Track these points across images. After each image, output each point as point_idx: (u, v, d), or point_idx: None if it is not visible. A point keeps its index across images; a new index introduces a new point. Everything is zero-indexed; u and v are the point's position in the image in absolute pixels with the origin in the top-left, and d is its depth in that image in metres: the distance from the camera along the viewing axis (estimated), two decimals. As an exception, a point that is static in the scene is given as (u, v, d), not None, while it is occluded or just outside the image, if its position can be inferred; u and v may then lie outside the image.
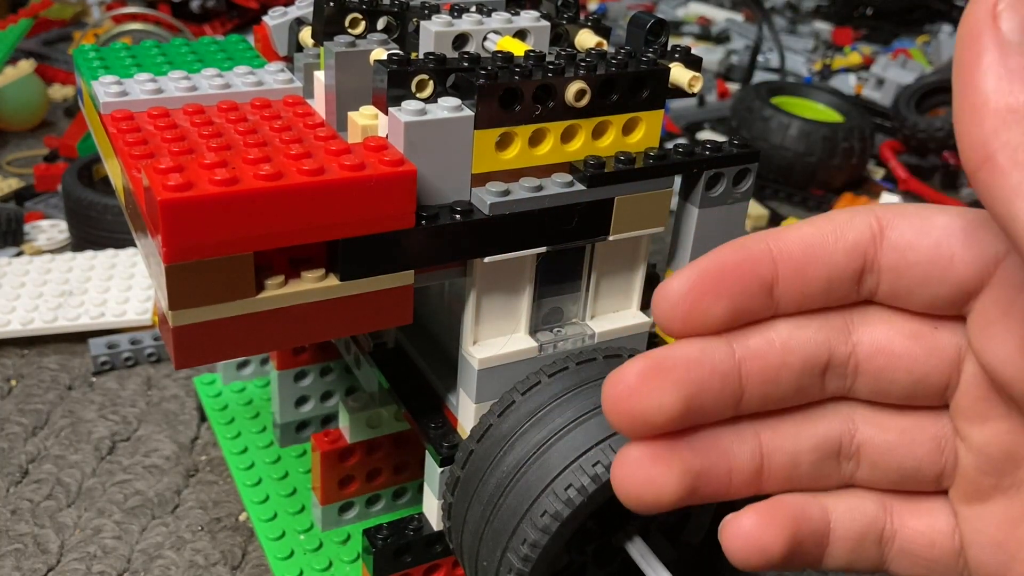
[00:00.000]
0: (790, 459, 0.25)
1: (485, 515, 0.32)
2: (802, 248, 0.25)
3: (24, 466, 0.55)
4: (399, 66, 0.32)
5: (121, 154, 0.32)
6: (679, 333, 0.24)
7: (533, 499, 0.31)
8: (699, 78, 0.35)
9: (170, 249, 0.27)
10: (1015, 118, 0.20)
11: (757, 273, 0.24)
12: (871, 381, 0.25)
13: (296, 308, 0.31)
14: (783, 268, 0.24)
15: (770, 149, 0.98)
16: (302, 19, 0.42)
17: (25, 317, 0.66)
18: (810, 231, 0.25)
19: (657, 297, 0.25)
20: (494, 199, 0.32)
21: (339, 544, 0.47)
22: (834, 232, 0.25)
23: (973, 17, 0.20)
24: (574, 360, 0.35)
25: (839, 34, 1.55)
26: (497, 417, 0.34)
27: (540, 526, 0.30)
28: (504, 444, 0.33)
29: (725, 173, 0.37)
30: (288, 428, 0.53)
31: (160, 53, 0.41)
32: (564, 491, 0.30)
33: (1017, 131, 0.20)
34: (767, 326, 0.25)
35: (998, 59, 0.20)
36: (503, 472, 0.32)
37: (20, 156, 0.98)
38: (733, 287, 0.24)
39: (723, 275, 0.24)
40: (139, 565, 0.48)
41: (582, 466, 0.30)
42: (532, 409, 0.33)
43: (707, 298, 0.24)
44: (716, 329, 0.24)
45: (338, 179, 0.29)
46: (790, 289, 0.25)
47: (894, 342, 0.25)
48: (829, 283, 0.25)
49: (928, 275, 0.24)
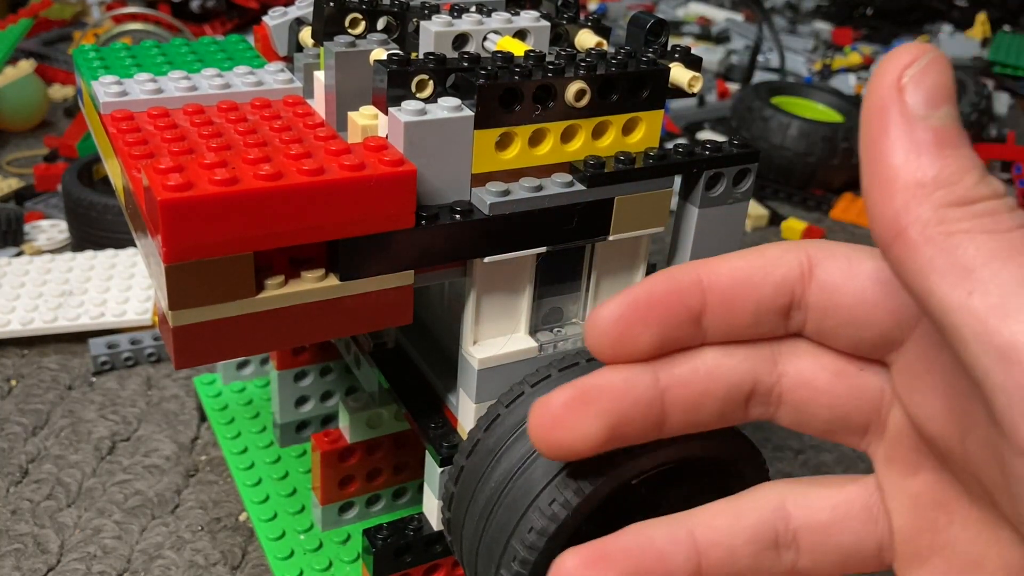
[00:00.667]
0: (727, 554, 0.25)
1: (491, 503, 0.32)
2: (731, 280, 0.25)
3: (24, 466, 0.55)
4: (399, 66, 0.32)
5: (121, 154, 0.32)
6: (609, 359, 0.25)
7: (520, 515, 0.31)
8: (699, 78, 0.35)
9: (170, 249, 0.27)
10: (924, 192, 0.20)
11: (685, 303, 0.25)
12: (793, 412, 0.26)
13: (296, 308, 0.31)
14: (711, 299, 0.25)
15: (770, 149, 0.98)
16: (302, 19, 0.42)
17: (25, 317, 0.66)
18: (741, 264, 0.25)
19: (589, 323, 0.25)
20: (494, 199, 0.32)
21: (339, 544, 0.47)
22: (764, 267, 0.25)
23: (878, 90, 0.20)
24: (556, 367, 0.34)
25: (839, 34, 1.55)
26: (484, 431, 0.34)
27: (527, 543, 0.30)
28: (491, 459, 0.33)
29: (725, 173, 0.37)
30: (288, 428, 0.53)
31: (160, 53, 0.41)
32: (549, 506, 0.30)
33: (927, 206, 0.20)
34: (694, 354, 0.25)
35: (905, 133, 0.20)
36: (491, 488, 0.32)
37: (20, 156, 0.98)
38: (661, 316, 0.25)
39: (652, 304, 0.25)
40: (139, 565, 0.48)
41: (565, 479, 0.30)
42: (516, 422, 0.33)
43: (636, 327, 0.25)
44: (644, 356, 0.25)
45: (338, 179, 0.29)
46: (717, 319, 0.25)
47: (818, 377, 0.26)
48: (757, 316, 0.25)
49: (853, 318, 0.24)
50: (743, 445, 0.33)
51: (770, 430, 0.61)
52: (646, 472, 0.33)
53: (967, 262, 0.19)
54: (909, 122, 0.20)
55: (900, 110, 0.20)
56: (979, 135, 1.09)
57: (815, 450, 0.60)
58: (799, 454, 0.59)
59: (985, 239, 0.19)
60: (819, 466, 0.59)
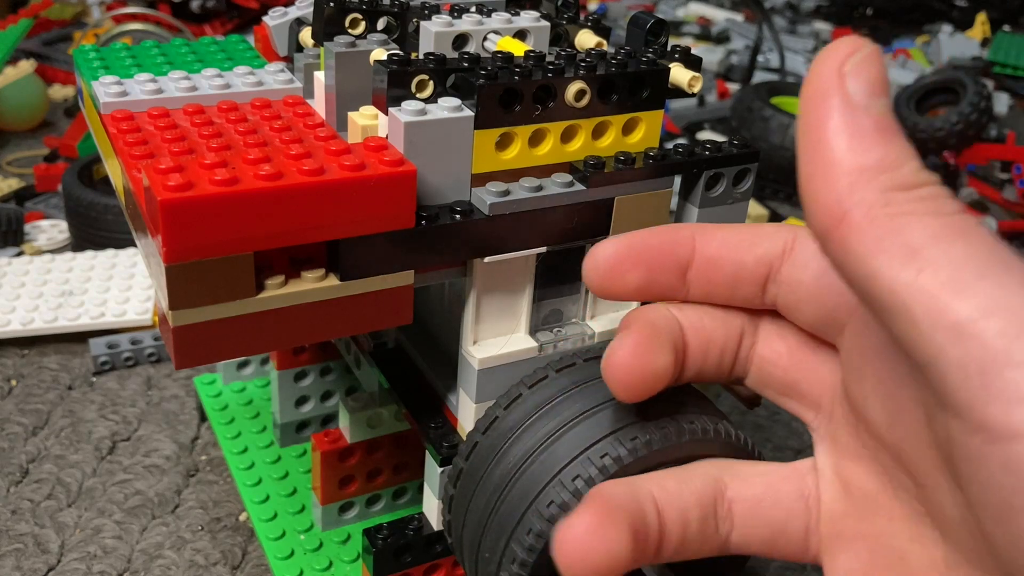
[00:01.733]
0: (680, 516, 0.27)
1: (490, 505, 0.32)
2: (720, 243, 0.28)
3: (24, 466, 0.55)
4: (399, 66, 0.32)
5: (121, 154, 0.32)
6: (598, 291, 0.28)
7: (540, 489, 0.31)
8: (699, 78, 0.35)
9: (170, 249, 0.27)
10: (868, 176, 0.20)
11: (675, 252, 0.28)
12: (756, 371, 0.29)
13: (296, 308, 0.31)
14: (699, 257, 0.28)
15: (770, 149, 0.98)
16: (302, 19, 0.42)
17: (25, 317, 0.66)
18: (732, 233, 0.28)
19: (587, 257, 0.28)
20: (494, 199, 0.32)
21: (339, 544, 0.47)
22: (752, 239, 0.27)
23: (819, 77, 0.21)
24: (581, 357, 0.35)
25: (839, 34, 1.55)
26: (503, 409, 0.34)
27: (547, 516, 0.30)
28: (511, 435, 0.33)
29: (725, 173, 0.37)
30: (288, 428, 0.54)
31: (160, 53, 0.41)
32: (572, 482, 0.30)
33: (871, 189, 0.20)
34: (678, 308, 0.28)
35: (847, 119, 0.20)
36: (509, 463, 0.32)
37: (20, 156, 0.98)
38: (651, 259, 0.28)
39: (645, 247, 0.28)
40: (139, 565, 0.48)
41: (590, 457, 0.30)
42: (540, 402, 0.33)
43: (626, 264, 0.27)
44: (631, 294, 0.28)
45: (338, 179, 0.29)
46: (700, 276, 0.28)
47: (779, 344, 0.28)
48: (736, 280, 0.27)
49: (810, 295, 0.26)
50: (744, 452, 0.33)
51: (770, 430, 0.61)
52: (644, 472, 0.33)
53: (914, 242, 0.19)
54: (851, 109, 0.20)
55: (842, 98, 0.20)
56: (979, 135, 1.09)
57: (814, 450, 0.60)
58: (799, 454, 0.59)
59: (930, 220, 0.20)
60: (819, 466, 0.59)
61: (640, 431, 0.31)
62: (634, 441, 0.30)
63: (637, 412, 0.31)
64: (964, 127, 1.06)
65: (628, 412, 0.31)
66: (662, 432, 0.31)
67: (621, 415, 0.31)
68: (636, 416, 0.31)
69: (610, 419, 0.31)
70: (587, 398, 0.33)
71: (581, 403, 0.32)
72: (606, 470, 0.30)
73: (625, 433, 0.31)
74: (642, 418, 0.31)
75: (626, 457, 0.30)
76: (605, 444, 0.31)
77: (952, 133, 1.06)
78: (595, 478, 0.30)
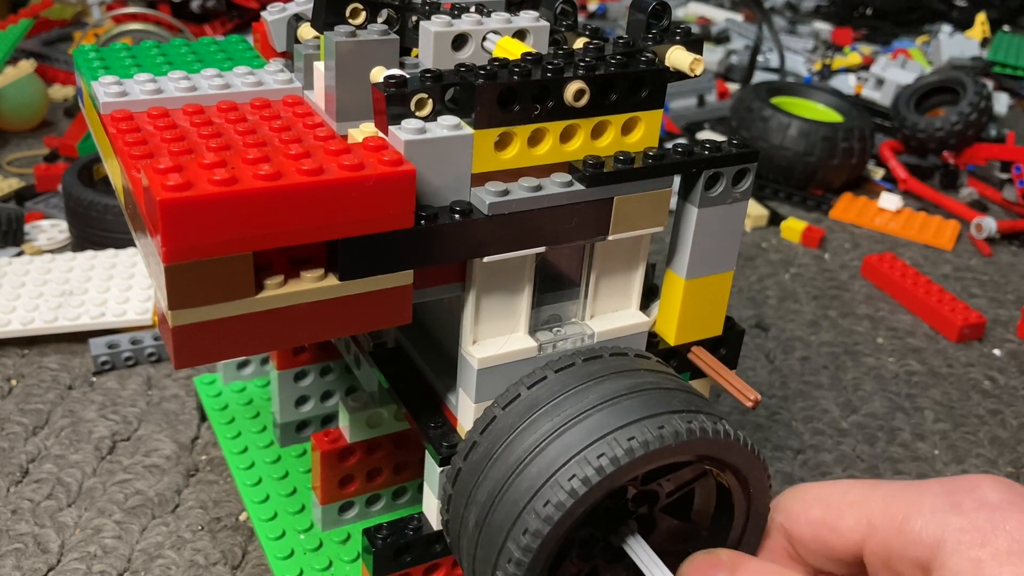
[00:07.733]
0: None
1: (488, 504, 0.32)
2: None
3: (24, 466, 0.55)
4: (397, 88, 0.32)
5: (121, 154, 0.32)
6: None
7: (537, 489, 0.31)
8: (700, 61, 0.35)
9: (170, 249, 0.27)
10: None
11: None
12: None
13: (296, 308, 0.31)
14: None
15: (770, 149, 0.98)
16: (300, 15, 0.42)
17: (25, 317, 0.66)
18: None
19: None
20: (493, 199, 0.32)
21: (339, 544, 0.47)
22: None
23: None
24: (580, 357, 0.35)
25: (839, 34, 1.55)
26: (502, 409, 0.34)
27: (543, 515, 0.30)
28: (509, 435, 0.33)
29: (724, 173, 0.37)
30: (288, 428, 0.54)
31: (160, 53, 0.42)
32: (568, 481, 0.30)
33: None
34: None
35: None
36: (507, 462, 0.32)
37: (20, 156, 0.98)
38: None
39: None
40: (139, 565, 0.48)
41: (587, 457, 0.31)
42: (538, 402, 0.33)
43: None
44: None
45: (337, 179, 0.29)
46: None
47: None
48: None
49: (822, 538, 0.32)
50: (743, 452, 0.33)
51: (770, 430, 0.61)
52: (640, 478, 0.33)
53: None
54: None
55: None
56: (979, 135, 1.09)
57: (814, 450, 0.60)
58: (799, 454, 0.59)
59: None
60: (819, 465, 0.59)
61: (637, 432, 0.31)
62: (631, 442, 0.30)
63: (634, 413, 0.31)
64: (964, 127, 1.06)
65: (626, 413, 0.31)
66: (659, 433, 0.31)
67: (619, 416, 0.31)
68: (633, 417, 0.31)
69: (608, 419, 0.31)
70: (585, 398, 0.33)
71: (579, 403, 0.32)
72: (603, 470, 0.30)
73: (622, 434, 0.31)
74: (639, 419, 0.31)
75: (623, 458, 0.30)
76: (602, 444, 0.31)
77: (952, 133, 1.06)
78: (591, 478, 0.30)
